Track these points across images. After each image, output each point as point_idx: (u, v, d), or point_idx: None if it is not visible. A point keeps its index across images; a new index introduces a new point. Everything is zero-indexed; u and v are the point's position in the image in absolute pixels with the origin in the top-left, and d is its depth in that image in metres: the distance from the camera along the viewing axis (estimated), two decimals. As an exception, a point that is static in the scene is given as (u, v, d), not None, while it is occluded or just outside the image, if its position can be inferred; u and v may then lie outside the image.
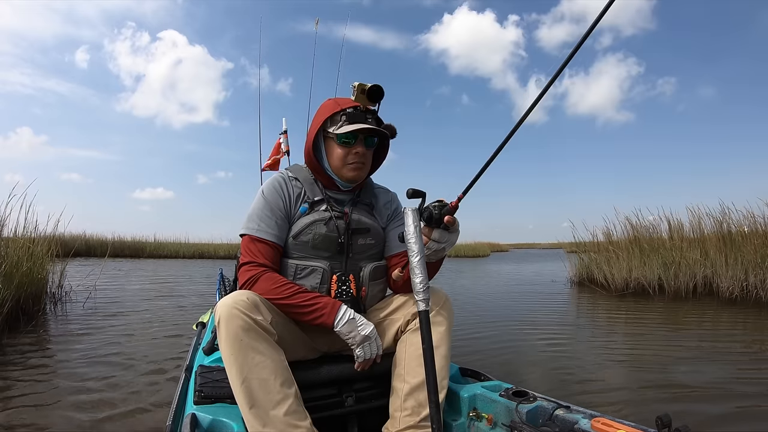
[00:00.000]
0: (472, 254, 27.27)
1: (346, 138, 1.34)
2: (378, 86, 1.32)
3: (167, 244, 20.81)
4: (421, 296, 1.01)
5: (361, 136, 1.36)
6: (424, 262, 1.04)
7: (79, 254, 14.04)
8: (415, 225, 1.05)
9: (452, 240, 1.22)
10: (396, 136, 1.43)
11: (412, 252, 1.04)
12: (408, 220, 1.06)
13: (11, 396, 2.31)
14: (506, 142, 1.00)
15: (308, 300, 1.25)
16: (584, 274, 8.48)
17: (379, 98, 1.35)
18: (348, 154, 1.36)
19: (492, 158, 1.03)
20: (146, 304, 5.71)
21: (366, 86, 1.31)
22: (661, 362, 3.07)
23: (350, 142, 1.35)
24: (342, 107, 1.36)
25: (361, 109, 1.36)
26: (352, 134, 1.34)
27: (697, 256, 6.71)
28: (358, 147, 1.36)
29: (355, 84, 1.31)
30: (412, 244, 1.04)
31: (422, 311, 1.01)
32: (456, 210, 1.13)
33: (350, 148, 1.36)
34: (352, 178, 1.39)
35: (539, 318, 5.03)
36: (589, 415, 1.17)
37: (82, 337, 3.70)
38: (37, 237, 4.99)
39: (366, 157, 1.40)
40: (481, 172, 1.05)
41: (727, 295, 6.22)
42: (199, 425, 1.17)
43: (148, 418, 2.01)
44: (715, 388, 2.46)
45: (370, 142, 1.40)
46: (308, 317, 1.25)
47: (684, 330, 4.34)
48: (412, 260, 1.04)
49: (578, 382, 2.62)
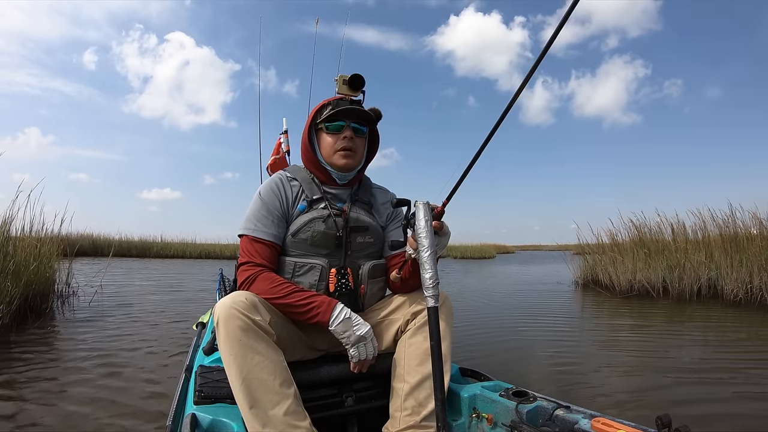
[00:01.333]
0: (478, 255, 27.23)
1: (333, 124, 1.40)
2: (358, 75, 1.39)
3: (174, 244, 20.85)
4: (430, 292, 1.02)
5: (349, 122, 1.40)
6: (434, 257, 1.04)
7: (86, 254, 14.16)
8: (426, 219, 1.06)
9: (443, 243, 1.24)
10: (381, 118, 1.47)
11: (423, 246, 1.04)
12: (419, 214, 1.06)
13: (17, 392, 2.34)
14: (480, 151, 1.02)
15: (304, 299, 1.26)
16: (589, 276, 8.44)
17: (359, 86, 1.41)
18: (337, 140, 1.40)
19: (469, 167, 1.05)
20: (151, 302, 5.75)
21: (347, 77, 1.39)
22: (664, 364, 3.05)
23: (338, 129, 1.40)
24: (328, 101, 1.42)
25: (346, 99, 1.41)
26: (339, 122, 1.39)
27: (702, 259, 6.66)
28: (346, 132, 1.40)
29: (337, 77, 1.39)
30: (423, 239, 1.04)
31: (431, 307, 1.01)
32: (442, 215, 1.15)
33: (339, 134, 1.40)
34: (344, 165, 1.42)
35: (543, 319, 5.01)
36: (589, 415, 1.17)
37: (87, 335, 3.73)
38: (45, 236, 5.03)
39: (356, 143, 1.43)
40: (462, 179, 1.07)
41: (731, 298, 6.17)
42: (199, 425, 1.18)
43: (149, 418, 2.03)
44: (718, 390, 2.45)
45: (359, 131, 1.43)
46: (305, 316, 1.26)
47: (688, 333, 4.32)
48: (422, 255, 1.04)
49: (581, 383, 2.61)
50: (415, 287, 1.43)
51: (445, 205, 1.13)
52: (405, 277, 1.39)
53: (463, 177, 1.07)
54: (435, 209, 1.13)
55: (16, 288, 3.85)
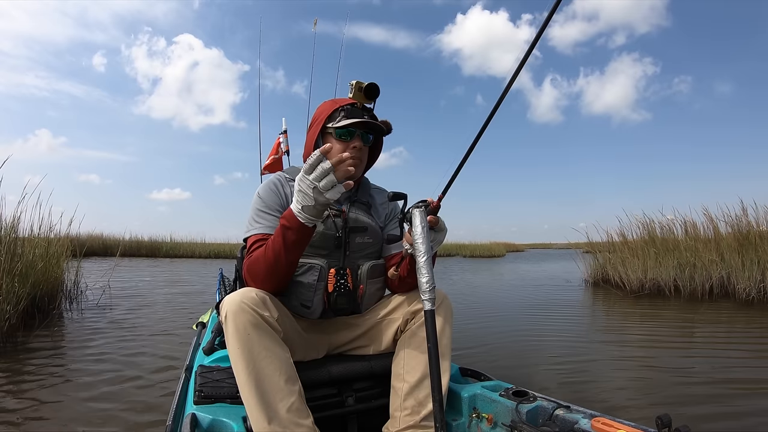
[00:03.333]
0: (488, 254, 27.24)
1: (344, 132, 1.36)
2: (374, 84, 1.34)
3: (183, 244, 21.04)
4: (427, 296, 1.02)
5: (359, 132, 1.38)
6: (430, 263, 1.05)
7: (96, 254, 14.28)
8: (423, 225, 1.06)
9: (439, 239, 1.24)
10: (391, 131, 1.45)
11: (419, 252, 1.05)
12: (415, 221, 1.07)
13: (23, 388, 2.38)
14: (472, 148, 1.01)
15: (276, 235, 1.19)
16: (599, 275, 8.39)
17: (375, 95, 1.37)
18: (345, 149, 1.36)
19: (463, 162, 1.04)
20: (159, 301, 5.80)
21: (363, 84, 1.33)
22: (674, 365, 3.02)
23: (348, 137, 1.37)
24: (341, 105, 1.39)
25: (359, 106, 1.38)
26: (349, 130, 1.36)
27: (713, 257, 6.59)
28: (355, 142, 1.37)
29: (352, 82, 1.33)
30: (419, 245, 1.05)
31: (428, 311, 1.02)
32: (438, 210, 1.14)
33: (348, 143, 1.37)
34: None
35: (552, 319, 4.98)
36: (589, 415, 1.17)
37: (93, 335, 3.77)
38: (53, 237, 5.07)
39: (363, 152, 1.41)
40: (456, 173, 1.07)
41: (743, 297, 6.10)
42: (199, 425, 1.18)
43: (150, 418, 2.04)
44: (726, 391, 2.41)
45: (366, 139, 1.41)
46: (289, 241, 1.17)
47: (698, 333, 4.27)
48: (419, 260, 1.05)
49: (590, 383, 2.60)
50: (413, 285, 1.42)
51: (441, 199, 1.12)
52: (403, 275, 1.38)
53: (457, 171, 1.06)
54: (431, 204, 1.12)
55: (23, 288, 3.87)
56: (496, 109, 0.94)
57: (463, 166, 1.05)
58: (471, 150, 1.01)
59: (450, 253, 26.91)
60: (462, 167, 1.05)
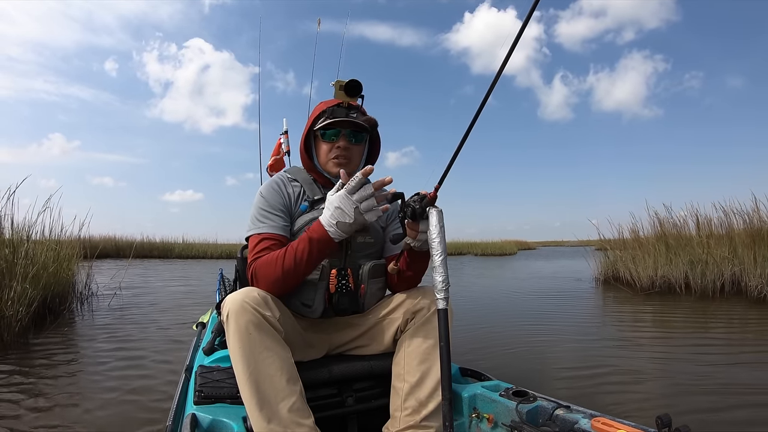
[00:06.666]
0: (499, 252, 27.18)
1: (328, 133, 1.40)
2: (355, 81, 1.37)
3: (195, 245, 21.19)
4: (441, 294, 1.05)
5: (344, 131, 1.40)
6: (446, 262, 1.07)
7: (108, 256, 14.42)
8: (440, 225, 1.08)
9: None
10: (377, 127, 1.47)
11: (436, 251, 1.07)
12: (432, 220, 1.09)
13: (33, 388, 2.41)
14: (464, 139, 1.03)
15: (299, 243, 1.22)
16: (610, 272, 8.30)
17: (356, 92, 1.39)
18: (331, 149, 1.40)
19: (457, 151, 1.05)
20: (169, 302, 5.85)
21: (343, 82, 1.37)
22: (685, 365, 2.99)
23: (334, 137, 1.40)
24: (328, 106, 1.41)
25: (344, 106, 1.40)
26: (333, 130, 1.39)
27: (725, 254, 6.49)
28: (340, 142, 1.40)
29: (333, 82, 1.37)
30: (437, 244, 1.07)
31: (441, 309, 1.04)
32: (435, 200, 1.14)
33: (333, 143, 1.40)
34: (338, 173, 1.40)
35: (562, 317, 4.95)
36: (589, 415, 1.16)
37: (104, 336, 3.81)
38: (64, 239, 5.13)
39: (351, 152, 1.42)
40: (451, 162, 1.07)
41: (755, 294, 5.99)
42: (199, 425, 1.18)
43: (151, 418, 2.06)
44: (737, 391, 2.39)
45: (355, 138, 1.42)
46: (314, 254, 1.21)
47: (710, 331, 4.23)
48: (435, 259, 1.07)
49: (591, 383, 2.58)
50: (412, 279, 1.41)
51: (437, 189, 1.13)
52: (402, 269, 1.38)
53: (451, 162, 1.07)
54: (428, 195, 1.13)
55: (34, 290, 3.93)
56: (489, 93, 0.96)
57: (457, 156, 1.06)
58: (465, 139, 1.03)
59: (461, 252, 26.86)
60: (457, 156, 1.06)
